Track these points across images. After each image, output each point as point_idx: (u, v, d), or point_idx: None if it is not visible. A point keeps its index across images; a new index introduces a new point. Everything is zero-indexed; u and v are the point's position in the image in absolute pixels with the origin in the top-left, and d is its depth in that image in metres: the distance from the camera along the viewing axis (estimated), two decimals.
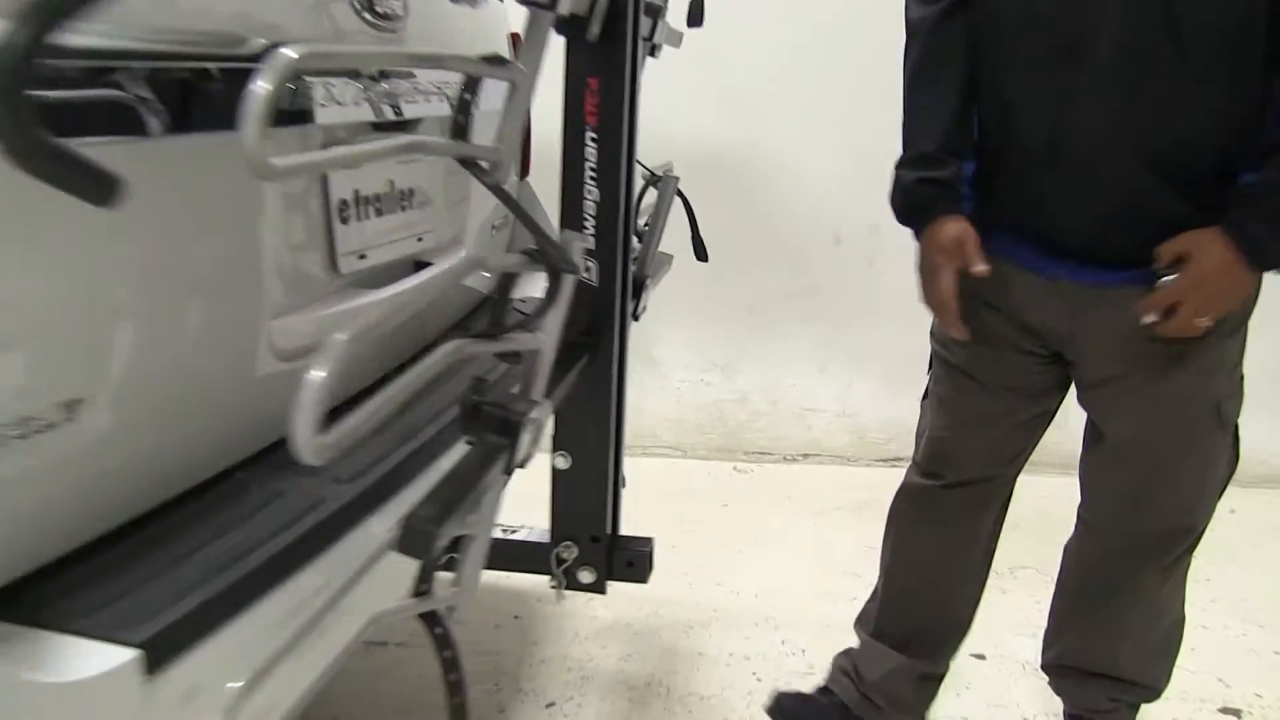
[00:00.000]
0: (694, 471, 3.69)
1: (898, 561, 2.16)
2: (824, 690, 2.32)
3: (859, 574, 2.89)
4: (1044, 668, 2.25)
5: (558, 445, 1.68)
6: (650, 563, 1.77)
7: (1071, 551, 2.13)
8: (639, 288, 1.93)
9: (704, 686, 2.44)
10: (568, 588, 1.76)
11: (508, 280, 1.24)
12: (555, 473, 1.71)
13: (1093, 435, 1.92)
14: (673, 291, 3.81)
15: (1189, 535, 1.92)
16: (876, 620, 2.19)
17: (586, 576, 1.75)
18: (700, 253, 2.20)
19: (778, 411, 3.79)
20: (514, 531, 1.83)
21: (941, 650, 2.19)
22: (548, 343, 1.28)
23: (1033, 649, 2.29)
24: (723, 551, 3.09)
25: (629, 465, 3.86)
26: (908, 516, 2.13)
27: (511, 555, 1.81)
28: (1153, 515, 1.87)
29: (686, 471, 3.69)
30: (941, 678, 2.22)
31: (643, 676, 2.49)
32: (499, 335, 1.23)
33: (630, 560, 1.76)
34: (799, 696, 2.32)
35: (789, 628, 2.66)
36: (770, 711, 2.31)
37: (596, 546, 1.73)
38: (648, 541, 1.78)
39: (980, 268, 1.65)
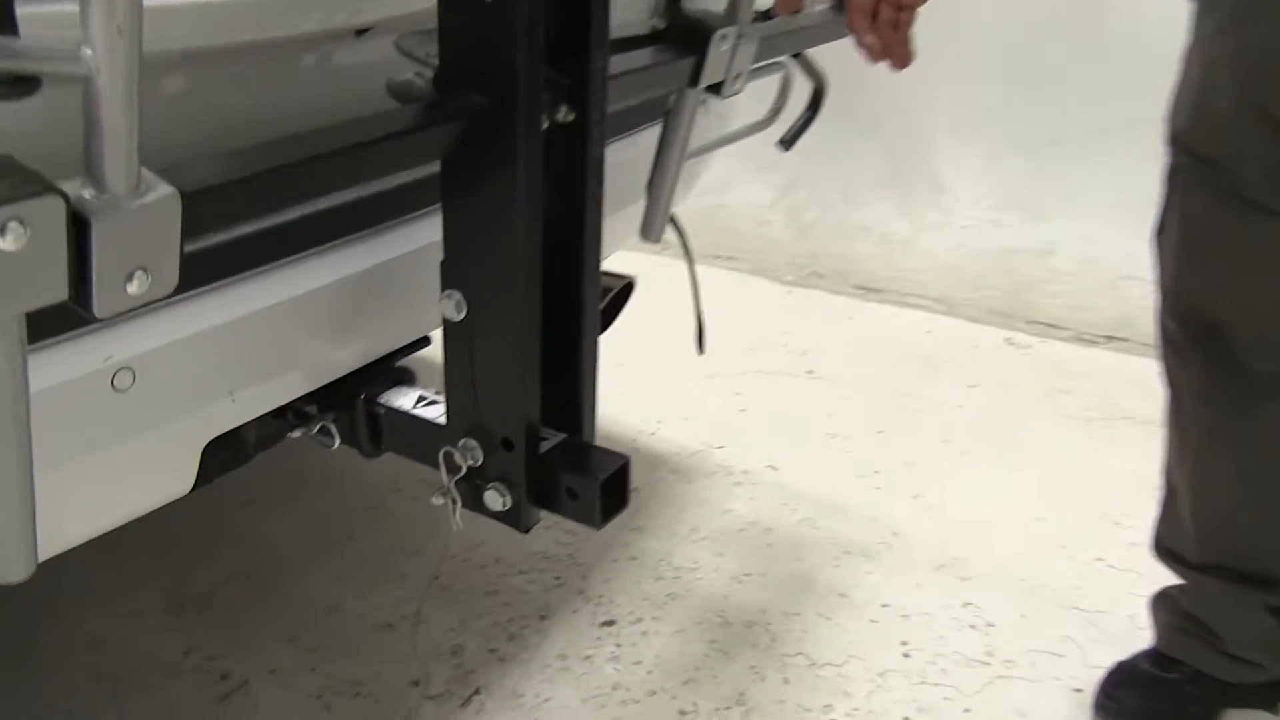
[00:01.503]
0: (954, 335, 2.81)
1: (1194, 476, 1.47)
2: (1160, 658, 1.57)
3: (1125, 523, 1.99)
4: None
5: (447, 281, 0.98)
6: (612, 499, 1.05)
7: None
8: (700, 35, 1.15)
9: (824, 647, 1.71)
10: (468, 507, 1.08)
11: None
12: (446, 326, 1.01)
13: None
14: (973, 100, 2.88)
15: None
16: (1195, 547, 1.49)
17: (495, 500, 1.06)
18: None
19: (1088, 274, 2.81)
20: (429, 404, 1.16)
21: None
22: (104, 67, 0.58)
23: None
24: (943, 451, 2.26)
25: (875, 313, 3.08)
26: (1184, 411, 1.46)
27: (409, 436, 1.15)
28: None
29: (944, 333, 2.82)
30: None
31: (748, 612, 1.79)
32: None
33: (573, 489, 1.04)
34: (1136, 680, 1.58)
35: (984, 585, 1.84)
36: (1105, 711, 1.57)
37: (511, 457, 1.03)
38: (617, 461, 1.06)
39: None
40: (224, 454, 1.17)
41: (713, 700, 1.60)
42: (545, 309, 1.02)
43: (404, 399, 1.17)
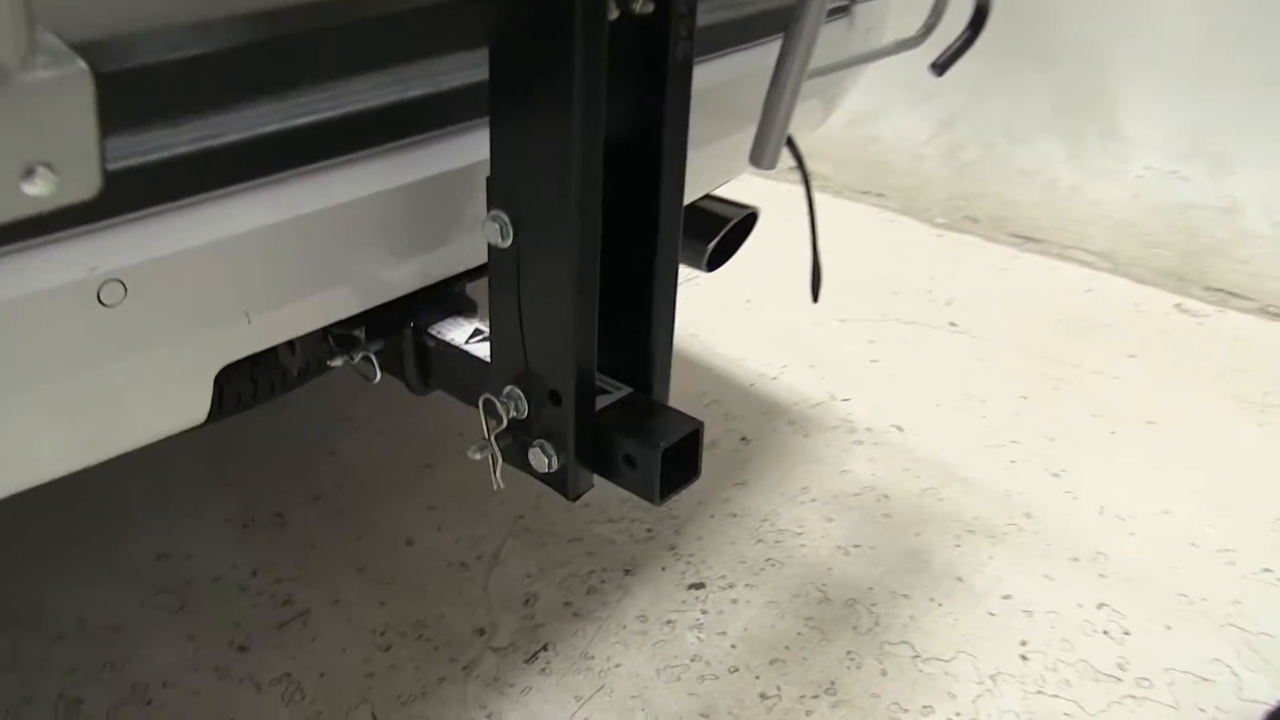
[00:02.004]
0: (1117, 296, 2.54)
1: None
2: None
3: None
4: None
5: (493, 200, 0.83)
6: (677, 470, 0.89)
7: None
8: None
9: (931, 638, 1.53)
10: (510, 463, 0.94)
11: None
12: (491, 254, 0.86)
13: None
14: (1164, 32, 2.56)
15: None
16: None
17: (539, 460, 0.91)
18: None
19: None
20: (485, 339, 1.02)
21: None
22: None
23: None
24: (1091, 427, 2.02)
25: (1031, 265, 2.78)
26: None
27: (457, 374, 1.01)
28: None
29: (1106, 293, 2.55)
30: None
31: (852, 589, 1.62)
32: None
33: (631, 455, 0.89)
34: None
35: (1124, 586, 1.63)
36: None
37: (559, 412, 0.88)
38: (686, 426, 0.90)
39: None
40: (258, 380, 1.05)
41: (799, 685, 1.45)
42: (613, 240, 0.86)
43: (457, 331, 1.03)
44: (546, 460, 0.91)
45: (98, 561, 1.64)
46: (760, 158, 1.11)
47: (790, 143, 1.21)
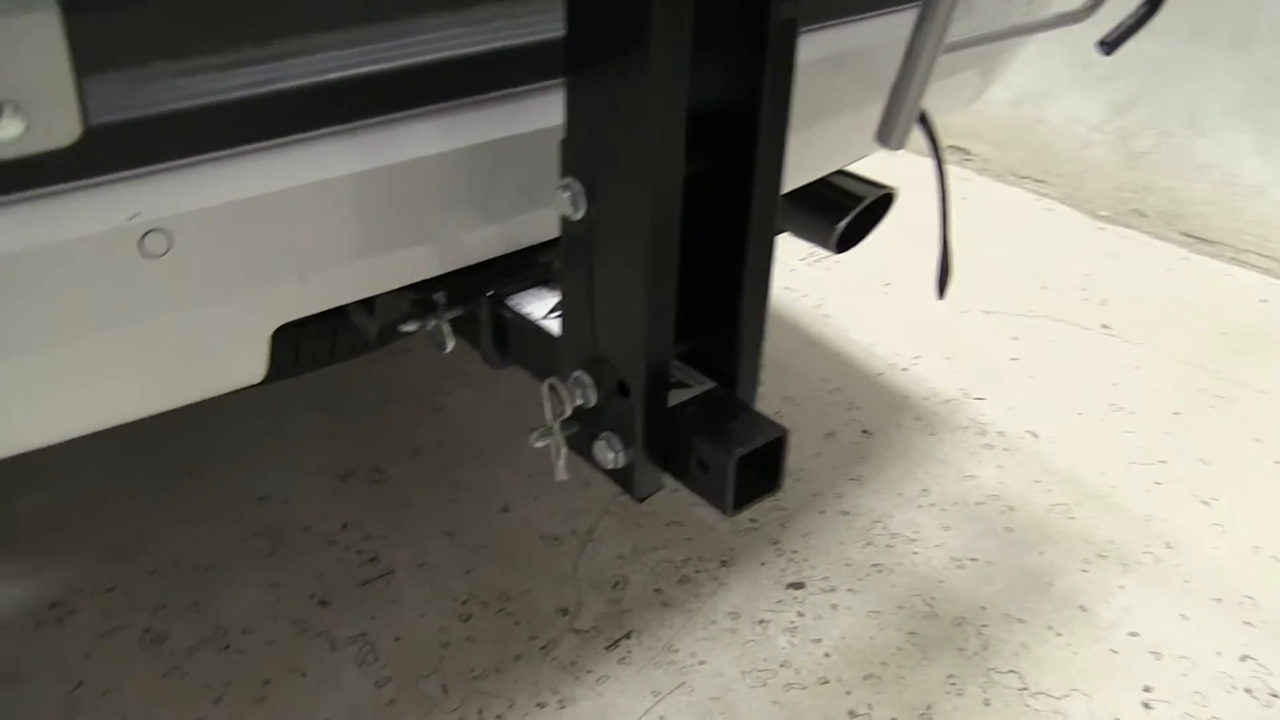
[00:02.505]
0: None
1: None
2: None
3: None
4: None
5: (566, 167, 0.75)
6: (755, 479, 0.80)
7: None
8: None
9: (1044, 670, 1.41)
10: (575, 452, 0.87)
11: None
12: (563, 226, 0.78)
13: None
14: None
15: None
16: None
17: (604, 454, 0.84)
18: None
19: None
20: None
21: None
22: None
23: None
24: (1251, 452, 1.85)
25: (1201, 267, 2.54)
26: None
27: (531, 350, 0.94)
28: None
29: None
30: None
31: (962, 606, 1.50)
32: None
33: (704, 460, 0.81)
34: None
35: (1277, 639, 1.47)
36: None
37: (627, 404, 0.80)
38: (768, 433, 0.81)
39: None
40: (336, 339, 1.00)
41: (892, 707, 1.35)
42: (704, 221, 0.77)
43: (536, 304, 0.95)
44: (612, 455, 0.83)
45: (203, 498, 1.65)
46: (888, 136, 1.00)
47: (924, 120, 1.09)
